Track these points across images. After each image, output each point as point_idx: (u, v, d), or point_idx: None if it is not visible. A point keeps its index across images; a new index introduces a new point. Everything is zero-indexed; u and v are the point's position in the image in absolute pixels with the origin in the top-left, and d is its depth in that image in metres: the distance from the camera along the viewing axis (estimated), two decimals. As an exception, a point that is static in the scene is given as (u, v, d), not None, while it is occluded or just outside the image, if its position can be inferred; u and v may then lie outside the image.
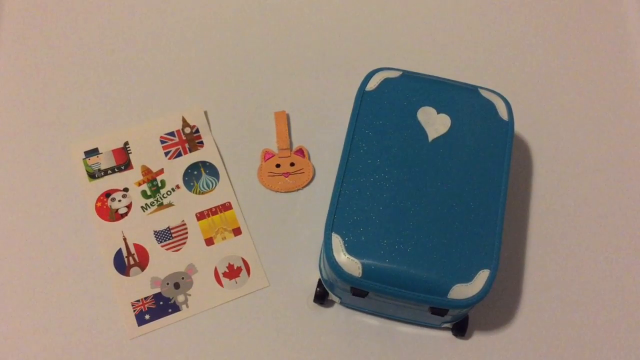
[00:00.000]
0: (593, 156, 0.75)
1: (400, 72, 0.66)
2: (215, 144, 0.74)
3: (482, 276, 0.56)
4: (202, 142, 0.74)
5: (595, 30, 0.83)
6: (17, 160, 0.72)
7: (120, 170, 0.72)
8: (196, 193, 0.71)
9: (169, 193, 0.71)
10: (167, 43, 0.80)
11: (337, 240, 0.57)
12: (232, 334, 0.65)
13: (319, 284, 0.65)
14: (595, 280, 0.68)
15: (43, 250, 0.68)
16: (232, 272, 0.68)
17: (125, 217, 0.69)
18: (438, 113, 0.63)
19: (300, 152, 0.73)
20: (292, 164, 0.73)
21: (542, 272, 0.68)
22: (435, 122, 0.63)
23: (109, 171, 0.72)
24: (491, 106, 0.64)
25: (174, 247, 0.68)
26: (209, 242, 0.69)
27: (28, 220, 0.69)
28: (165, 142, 0.73)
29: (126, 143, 0.73)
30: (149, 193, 0.71)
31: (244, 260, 0.68)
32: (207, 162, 0.73)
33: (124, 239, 0.68)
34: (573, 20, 0.83)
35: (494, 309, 0.66)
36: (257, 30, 0.81)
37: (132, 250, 0.68)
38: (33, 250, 0.68)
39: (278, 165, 0.73)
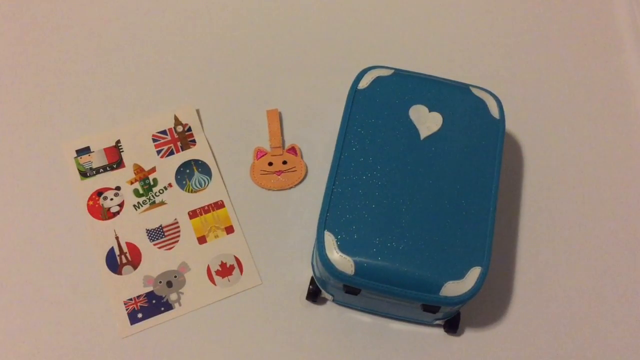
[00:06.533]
0: (584, 154, 0.75)
1: (392, 71, 0.66)
2: (208, 142, 0.74)
3: (474, 273, 0.57)
4: (194, 141, 0.74)
5: (586, 29, 0.83)
6: (8, 159, 0.72)
7: (112, 168, 0.72)
8: (188, 191, 0.71)
9: (161, 191, 0.71)
10: (159, 41, 0.79)
11: (329, 238, 0.58)
12: (225, 332, 0.65)
13: (312, 281, 0.65)
14: (585, 276, 0.69)
15: (35, 249, 0.68)
16: (225, 270, 0.68)
17: (118, 216, 0.69)
18: (430, 111, 0.63)
19: (293, 150, 0.74)
20: (284, 162, 0.73)
21: (533, 269, 0.69)
22: (427, 120, 0.63)
23: (101, 170, 0.71)
24: (482, 104, 0.64)
25: (166, 245, 0.68)
26: (202, 240, 0.69)
27: (19, 219, 0.69)
28: (158, 140, 0.73)
29: (118, 141, 0.73)
30: (141, 191, 0.71)
31: (236, 259, 0.68)
32: (200, 160, 0.73)
33: (116, 238, 0.68)
34: (563, 19, 0.84)
35: (486, 306, 0.67)
36: (249, 29, 0.81)
37: (125, 248, 0.68)
38: (25, 249, 0.68)
39: (270, 164, 0.73)
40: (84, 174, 0.71)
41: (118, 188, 0.71)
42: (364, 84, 0.65)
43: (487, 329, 0.66)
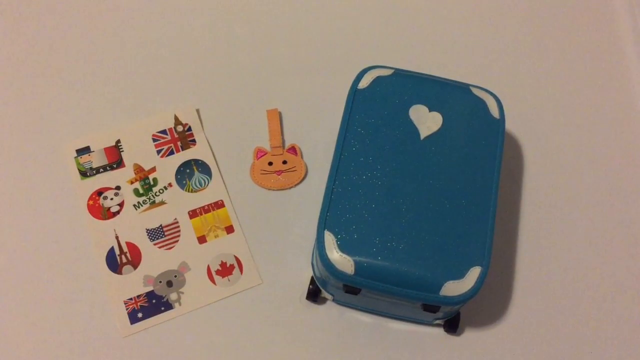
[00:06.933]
0: (583, 153, 0.75)
1: (392, 70, 0.66)
2: (208, 142, 0.74)
3: (474, 273, 0.57)
4: (194, 140, 0.74)
5: (586, 29, 0.83)
6: (9, 159, 0.72)
7: (112, 168, 0.72)
8: (188, 191, 0.71)
9: (161, 191, 0.71)
10: (159, 41, 0.79)
11: (329, 238, 0.58)
12: (225, 332, 0.65)
13: (312, 281, 0.65)
14: (585, 276, 0.69)
15: (35, 249, 0.68)
16: (225, 270, 0.68)
17: (118, 216, 0.69)
18: (430, 111, 0.63)
19: (293, 150, 0.74)
20: (284, 162, 0.73)
21: (533, 268, 0.69)
22: (427, 120, 0.63)
23: (101, 169, 0.71)
24: (482, 104, 0.64)
25: (166, 245, 0.68)
26: (202, 240, 0.69)
27: (20, 219, 0.69)
28: (158, 140, 0.73)
29: (118, 141, 0.73)
30: (141, 191, 0.71)
31: (236, 258, 0.68)
32: (200, 160, 0.73)
33: (116, 237, 0.68)
34: (563, 19, 0.84)
35: (486, 306, 0.67)
36: (249, 29, 0.81)
37: (125, 248, 0.68)
38: (25, 249, 0.68)
39: (270, 163, 0.73)
40: (84, 174, 0.71)
41: (118, 188, 0.71)
42: (364, 83, 0.65)
43: (487, 329, 0.66)
